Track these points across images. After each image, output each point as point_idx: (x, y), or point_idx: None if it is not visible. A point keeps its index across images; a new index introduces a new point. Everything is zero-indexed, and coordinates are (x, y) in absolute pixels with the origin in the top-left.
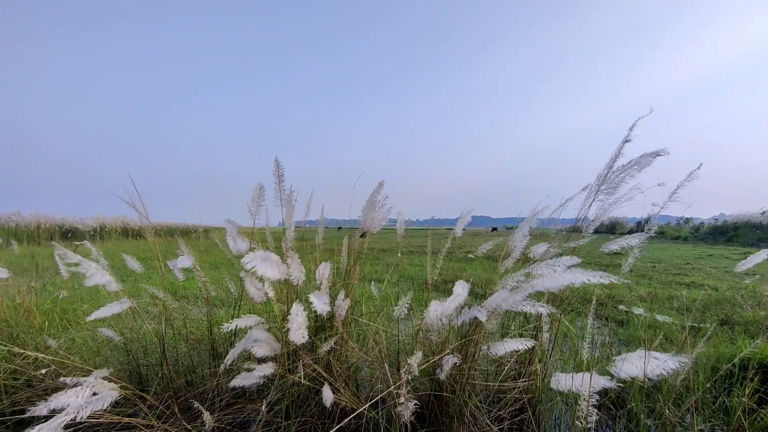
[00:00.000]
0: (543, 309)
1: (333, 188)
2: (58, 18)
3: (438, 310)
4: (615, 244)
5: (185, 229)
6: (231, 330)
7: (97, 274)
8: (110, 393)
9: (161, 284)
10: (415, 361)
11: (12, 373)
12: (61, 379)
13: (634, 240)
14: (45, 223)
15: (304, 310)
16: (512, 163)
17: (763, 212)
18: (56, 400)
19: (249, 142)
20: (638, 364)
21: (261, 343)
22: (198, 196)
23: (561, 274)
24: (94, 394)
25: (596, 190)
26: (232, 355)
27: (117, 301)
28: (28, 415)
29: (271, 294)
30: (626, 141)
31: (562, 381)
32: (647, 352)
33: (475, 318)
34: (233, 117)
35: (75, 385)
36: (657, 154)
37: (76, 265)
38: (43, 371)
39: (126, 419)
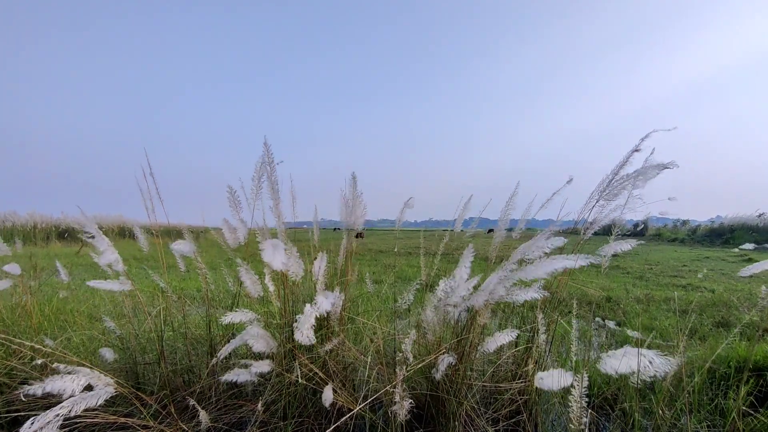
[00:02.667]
0: (536, 294)
1: (331, 189)
2: (57, 18)
3: (447, 286)
4: (611, 249)
5: (182, 230)
6: (228, 324)
7: (108, 251)
8: (106, 389)
9: (161, 278)
10: (409, 343)
11: (9, 371)
12: (55, 364)
13: (627, 245)
14: (41, 223)
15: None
16: (511, 164)
17: (760, 214)
18: (52, 383)
19: (248, 142)
20: (624, 361)
21: (258, 338)
22: (196, 196)
23: (547, 260)
24: (89, 388)
25: (598, 196)
26: (227, 349)
27: (117, 281)
28: (21, 392)
29: (272, 288)
30: (636, 150)
31: (546, 379)
32: (639, 350)
33: (471, 316)
34: (232, 117)
35: (70, 372)
36: (664, 166)
37: (92, 237)
38: (39, 362)
39: (122, 419)
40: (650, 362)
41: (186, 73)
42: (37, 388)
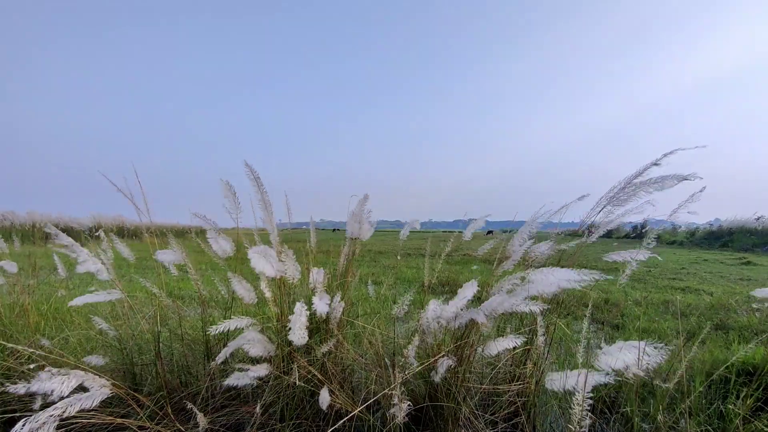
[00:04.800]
0: (536, 307)
1: (330, 190)
2: (59, 18)
3: (437, 310)
4: (618, 256)
5: (181, 230)
6: (223, 331)
7: (89, 261)
8: (101, 391)
9: (156, 282)
10: (412, 351)
11: (5, 371)
12: (47, 368)
13: (636, 254)
14: (40, 222)
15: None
16: (510, 166)
17: (758, 217)
18: (38, 384)
19: (250, 142)
20: (619, 356)
21: (254, 342)
22: (195, 196)
23: (553, 275)
24: (83, 389)
25: (606, 202)
26: (224, 354)
27: (106, 290)
28: (6, 389)
29: (268, 294)
30: (654, 164)
31: (557, 380)
32: (639, 343)
33: (472, 320)
34: (235, 117)
35: (63, 375)
36: (684, 178)
37: (66, 246)
38: (32, 366)
39: (119, 420)
40: (646, 354)
41: (186, 73)
42: (20, 388)
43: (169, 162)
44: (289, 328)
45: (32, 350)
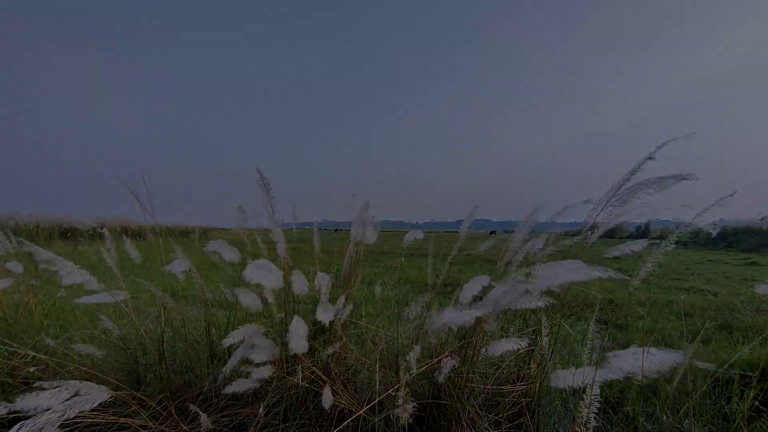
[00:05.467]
0: (541, 303)
1: (331, 189)
2: (65, 17)
3: (452, 317)
4: (618, 251)
5: (184, 230)
6: (228, 325)
7: (74, 273)
8: (99, 395)
9: (160, 284)
10: (414, 356)
11: (11, 371)
12: (38, 383)
13: (636, 246)
14: (44, 222)
15: (302, 319)
16: (512, 166)
17: (763, 218)
18: (24, 402)
19: (252, 141)
20: (631, 360)
21: (260, 348)
22: (197, 196)
23: (560, 268)
24: (78, 394)
25: (606, 202)
26: (231, 364)
27: (110, 292)
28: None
29: (271, 299)
30: (649, 158)
31: (561, 377)
32: (644, 349)
33: (475, 321)
34: (237, 116)
35: (55, 387)
36: (682, 178)
37: (47, 262)
38: (32, 369)
39: (122, 420)
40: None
41: (188, 72)
42: (1, 409)
43: (171, 161)
44: (287, 336)
45: (34, 354)
